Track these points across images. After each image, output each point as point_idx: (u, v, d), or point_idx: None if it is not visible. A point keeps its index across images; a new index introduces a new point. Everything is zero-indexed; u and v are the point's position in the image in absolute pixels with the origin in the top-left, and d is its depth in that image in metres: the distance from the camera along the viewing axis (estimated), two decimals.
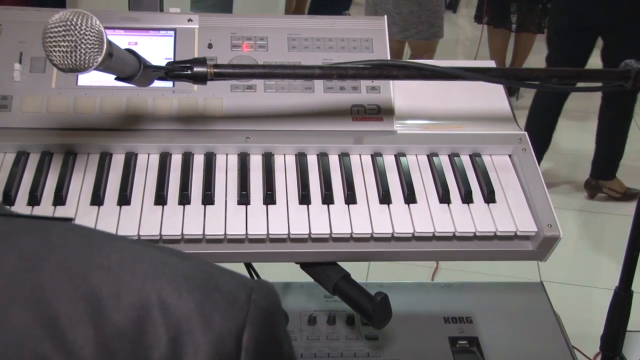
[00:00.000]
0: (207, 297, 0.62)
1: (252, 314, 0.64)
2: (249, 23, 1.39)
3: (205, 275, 0.65)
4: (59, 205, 1.20)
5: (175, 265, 0.64)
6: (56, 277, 0.59)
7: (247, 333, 0.63)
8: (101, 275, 0.60)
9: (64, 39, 0.93)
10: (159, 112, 1.31)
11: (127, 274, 0.61)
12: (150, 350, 0.59)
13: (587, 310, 1.48)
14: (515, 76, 1.26)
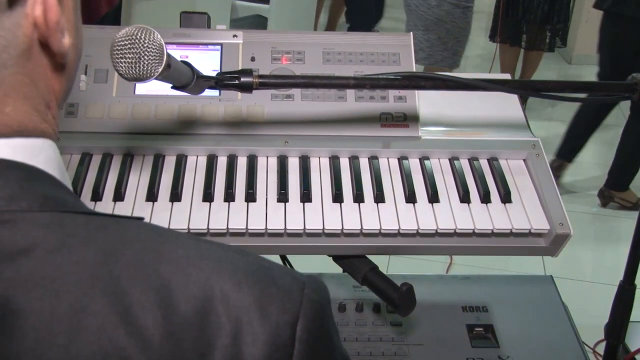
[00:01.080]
0: (265, 291, 0.63)
1: (305, 306, 0.64)
2: (288, 38, 1.40)
3: (262, 270, 0.65)
4: (118, 201, 1.21)
5: (236, 262, 0.65)
6: (130, 269, 0.59)
7: (301, 324, 0.63)
8: (170, 269, 0.61)
9: (129, 51, 0.95)
10: (206, 119, 1.32)
11: (193, 269, 0.62)
12: (213, 338, 0.59)
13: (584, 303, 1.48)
14: (532, 87, 1.26)
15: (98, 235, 0.61)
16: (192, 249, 0.64)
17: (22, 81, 0.62)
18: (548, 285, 1.59)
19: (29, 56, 0.62)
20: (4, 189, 0.59)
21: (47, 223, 0.59)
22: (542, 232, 1.26)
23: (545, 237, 1.27)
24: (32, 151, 0.63)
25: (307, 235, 1.23)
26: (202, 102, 1.32)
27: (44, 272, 0.57)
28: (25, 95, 0.63)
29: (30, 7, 0.60)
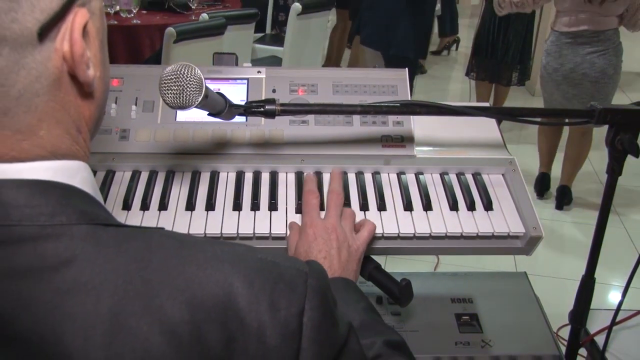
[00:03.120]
0: (274, 287, 0.62)
1: (309, 297, 0.64)
2: (303, 74, 1.40)
3: (271, 267, 0.64)
4: (162, 210, 1.21)
5: (249, 262, 0.64)
6: (158, 273, 0.59)
7: (307, 313, 0.63)
8: (192, 271, 0.60)
9: (174, 84, 0.95)
10: (235, 141, 1.32)
11: (212, 270, 0.61)
12: (233, 331, 0.59)
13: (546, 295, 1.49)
14: (509, 113, 1.26)
15: (128, 245, 0.60)
16: (209, 253, 0.63)
17: (54, 107, 0.61)
18: (522, 280, 1.59)
19: (59, 85, 0.61)
20: (46, 206, 0.58)
21: (84, 235, 0.58)
22: (518, 234, 1.25)
23: (521, 239, 1.26)
24: (69, 172, 0.62)
25: None
26: (232, 127, 1.32)
27: (84, 280, 0.56)
28: (58, 120, 0.62)
29: (59, 43, 0.59)
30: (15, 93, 0.57)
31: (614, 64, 3.62)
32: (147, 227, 0.65)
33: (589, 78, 3.60)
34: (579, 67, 3.60)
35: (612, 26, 3.57)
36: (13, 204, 0.56)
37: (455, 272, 1.58)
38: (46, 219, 0.57)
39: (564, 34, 3.61)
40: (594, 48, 3.56)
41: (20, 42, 0.55)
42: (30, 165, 0.59)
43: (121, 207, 1.20)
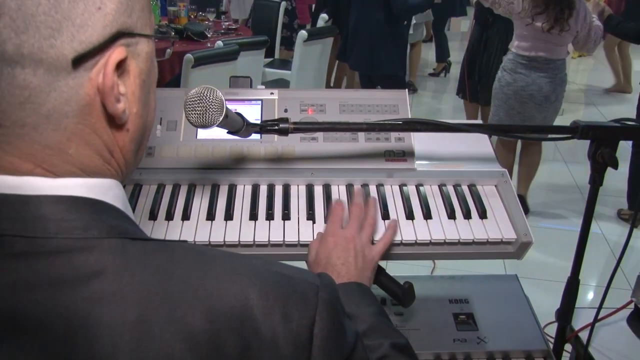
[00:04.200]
0: (287, 299, 0.62)
1: (320, 309, 0.63)
2: (312, 94, 1.40)
3: (285, 280, 0.64)
4: (185, 220, 1.20)
5: (264, 275, 0.63)
6: (180, 285, 0.58)
7: (317, 325, 0.62)
8: (212, 283, 0.59)
9: (198, 105, 0.95)
10: (251, 156, 1.31)
11: (230, 283, 0.60)
12: (249, 340, 0.58)
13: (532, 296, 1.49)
14: (500, 129, 1.26)
15: (153, 258, 0.60)
16: (228, 267, 0.62)
17: (84, 130, 0.60)
18: (514, 282, 1.57)
19: (91, 112, 0.59)
20: (79, 221, 0.57)
21: (113, 248, 0.58)
22: (510, 240, 1.24)
23: (513, 244, 1.25)
24: (101, 189, 0.62)
25: None
26: (248, 144, 1.31)
27: (113, 290, 0.56)
28: (88, 142, 0.61)
29: (95, 74, 0.58)
30: (45, 111, 0.56)
31: (557, 92, 3.69)
32: (171, 240, 0.65)
33: (534, 100, 3.66)
34: (529, 87, 3.65)
35: (562, 56, 3.65)
36: (50, 217, 0.56)
37: (453, 276, 1.57)
38: (80, 233, 0.57)
39: (521, 56, 3.65)
40: (544, 74, 3.62)
41: (54, 66, 0.55)
42: (64, 181, 0.59)
43: (148, 217, 1.19)
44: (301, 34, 4.61)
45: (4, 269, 0.54)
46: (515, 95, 3.69)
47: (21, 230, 0.55)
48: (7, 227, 0.55)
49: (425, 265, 3.01)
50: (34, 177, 0.57)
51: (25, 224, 0.55)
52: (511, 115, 3.76)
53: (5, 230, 0.55)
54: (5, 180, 0.56)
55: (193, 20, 4.96)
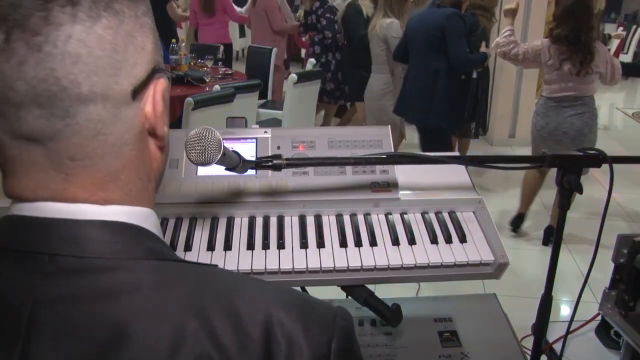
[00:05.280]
0: (308, 318, 0.62)
1: (337, 330, 0.63)
2: (303, 132, 1.39)
3: (305, 303, 0.64)
4: (187, 251, 1.19)
5: (287, 297, 0.64)
6: (212, 302, 0.59)
7: (335, 343, 0.62)
8: (241, 302, 0.60)
9: (198, 144, 0.94)
10: (247, 191, 1.30)
11: (257, 302, 0.61)
12: (273, 353, 0.59)
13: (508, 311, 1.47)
14: (476, 160, 1.25)
15: (188, 278, 0.61)
16: (255, 288, 0.64)
17: (135, 157, 0.63)
18: (493, 300, 1.56)
19: (141, 138, 0.63)
20: (122, 244, 0.59)
21: (152, 268, 0.60)
22: (489, 262, 1.23)
23: (491, 265, 1.24)
24: (142, 217, 0.63)
25: (323, 272, 1.20)
26: (244, 179, 1.30)
27: (151, 304, 0.57)
28: (136, 168, 0.64)
29: (144, 104, 0.62)
30: (112, 141, 0.60)
31: (590, 125, 3.68)
32: (204, 263, 0.67)
33: (568, 135, 3.65)
34: (561, 126, 3.65)
35: (590, 93, 3.66)
36: (98, 240, 0.58)
37: (436, 296, 1.55)
38: (123, 254, 0.59)
39: (551, 98, 3.67)
40: (574, 111, 3.63)
41: (119, 100, 0.59)
42: (111, 208, 0.61)
43: None
44: (291, 77, 4.64)
45: (56, 284, 0.57)
46: (551, 136, 3.70)
47: (72, 250, 0.57)
48: (61, 247, 0.57)
49: (411, 286, 2.99)
50: (87, 204, 0.60)
51: (76, 245, 0.58)
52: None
53: (59, 250, 0.57)
54: (63, 207, 0.59)
55: (193, 67, 4.98)
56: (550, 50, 3.54)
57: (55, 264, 0.57)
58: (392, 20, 4.08)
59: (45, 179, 0.59)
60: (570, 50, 3.48)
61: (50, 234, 0.58)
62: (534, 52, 3.61)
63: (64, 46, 0.53)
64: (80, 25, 0.54)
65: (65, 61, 0.54)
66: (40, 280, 0.56)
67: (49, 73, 0.54)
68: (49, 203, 0.59)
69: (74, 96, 0.55)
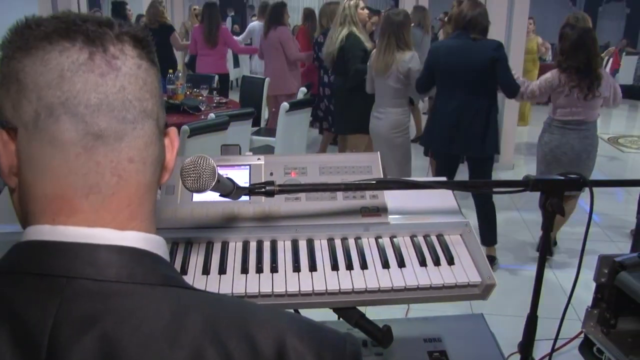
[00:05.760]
0: (320, 344, 0.62)
1: (348, 356, 0.64)
2: (295, 159, 1.39)
3: (317, 329, 0.65)
4: (183, 275, 1.17)
5: (299, 323, 0.64)
6: (227, 328, 0.59)
7: None
8: (255, 327, 0.60)
9: (193, 172, 0.93)
10: (241, 216, 1.29)
11: (271, 327, 0.61)
12: None
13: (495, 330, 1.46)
14: (463, 185, 1.25)
15: (203, 305, 0.61)
16: (268, 314, 0.64)
17: (154, 183, 0.66)
18: (480, 320, 1.55)
19: (159, 169, 0.67)
20: (140, 269, 0.60)
21: (168, 295, 0.60)
22: (476, 283, 1.22)
23: (478, 287, 1.23)
24: (156, 244, 0.64)
25: (315, 295, 1.18)
26: (238, 205, 1.29)
27: (168, 331, 0.57)
28: (152, 194, 0.66)
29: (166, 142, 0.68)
30: (151, 159, 0.64)
31: (589, 151, 3.75)
32: (215, 293, 0.67)
33: (567, 156, 3.71)
34: (563, 146, 3.71)
35: (594, 119, 3.75)
36: (117, 264, 0.59)
37: (426, 317, 1.53)
38: (140, 279, 0.59)
39: (558, 120, 3.74)
40: (576, 134, 3.70)
41: (160, 128, 0.66)
42: (130, 234, 0.62)
43: None
44: (283, 105, 4.65)
45: (78, 307, 0.57)
46: (552, 152, 3.76)
47: (90, 274, 0.58)
48: (80, 270, 0.58)
49: (401, 307, 2.97)
50: (107, 229, 0.61)
51: (95, 268, 0.58)
52: (550, 170, 3.80)
53: (78, 274, 0.58)
54: (83, 231, 0.60)
55: (189, 96, 4.99)
56: (560, 78, 3.65)
57: (74, 286, 0.57)
58: (411, 53, 3.86)
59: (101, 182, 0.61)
60: (579, 78, 3.60)
61: (69, 258, 0.58)
62: (546, 84, 3.70)
63: (133, 71, 0.62)
64: (146, 61, 0.64)
65: (137, 82, 0.62)
66: (61, 303, 0.56)
67: (122, 87, 0.61)
68: (70, 227, 0.60)
69: (140, 109, 0.62)
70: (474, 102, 3.61)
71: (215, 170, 0.95)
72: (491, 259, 3.87)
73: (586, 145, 3.73)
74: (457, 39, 3.62)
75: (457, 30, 3.63)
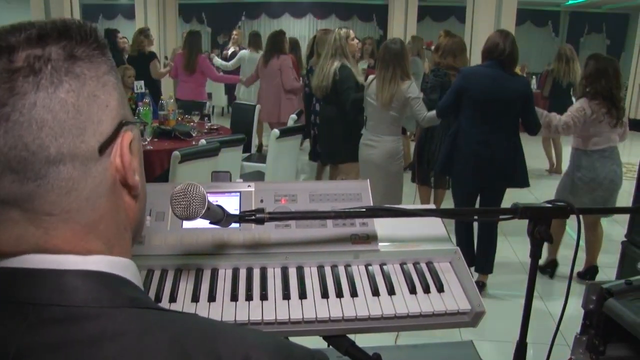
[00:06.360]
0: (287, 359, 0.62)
1: None
2: (285, 186, 1.38)
3: (283, 345, 0.64)
4: (172, 302, 1.15)
5: (265, 340, 0.64)
6: (195, 347, 0.59)
7: None
8: (222, 346, 0.60)
9: (183, 199, 0.92)
10: (231, 243, 1.28)
11: (237, 345, 0.61)
12: None
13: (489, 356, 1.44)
14: (451, 213, 1.25)
15: (170, 325, 0.60)
16: (235, 333, 0.63)
17: (111, 207, 0.63)
18: (469, 347, 1.53)
19: (114, 190, 0.63)
20: (106, 293, 0.59)
21: (135, 316, 0.59)
22: (466, 311, 1.21)
23: (468, 314, 1.22)
24: (122, 267, 0.63)
25: (305, 322, 1.17)
26: (228, 232, 1.28)
27: (135, 351, 0.56)
28: (112, 218, 0.64)
29: (113, 157, 0.62)
30: (85, 195, 0.60)
31: (620, 176, 3.87)
32: (184, 312, 0.66)
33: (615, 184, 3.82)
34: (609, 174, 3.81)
35: (617, 143, 3.88)
36: (83, 289, 0.58)
37: (415, 344, 1.52)
38: (106, 302, 0.58)
39: (595, 152, 3.81)
40: (612, 160, 3.82)
41: (87, 157, 0.59)
42: (95, 258, 0.61)
43: None
44: (274, 132, 4.66)
45: (41, 333, 0.56)
46: (601, 186, 3.80)
47: (57, 299, 0.57)
48: (45, 297, 0.57)
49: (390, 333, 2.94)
50: (70, 255, 0.59)
51: (60, 294, 0.57)
52: (596, 203, 3.83)
53: (44, 300, 0.57)
54: (47, 257, 0.59)
55: (180, 122, 4.99)
56: (591, 106, 3.74)
57: (40, 313, 0.56)
58: (409, 82, 3.85)
59: (26, 234, 0.58)
60: (608, 105, 3.72)
61: (34, 284, 0.57)
62: (579, 114, 3.76)
63: (29, 113, 0.55)
64: (43, 92, 0.55)
65: (32, 127, 0.55)
66: (25, 329, 0.55)
67: (18, 140, 0.55)
68: (33, 255, 0.59)
69: (43, 159, 0.56)
70: (502, 133, 3.60)
71: (205, 198, 0.94)
72: (481, 284, 3.86)
73: (621, 171, 3.85)
74: (489, 68, 3.59)
75: (490, 60, 3.60)
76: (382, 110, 3.93)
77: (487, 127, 3.59)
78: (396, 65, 3.84)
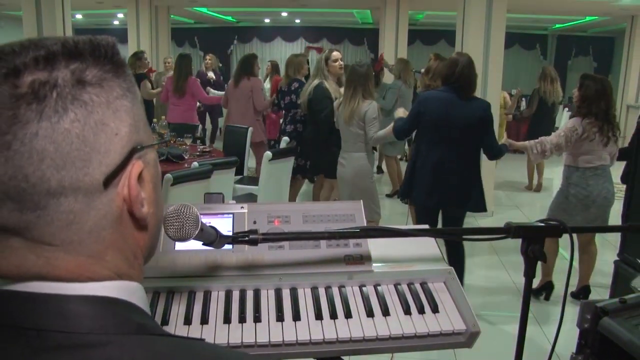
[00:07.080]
0: None
1: None
2: (278, 207, 1.37)
3: None
4: (164, 325, 1.13)
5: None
6: None
7: None
8: None
9: (176, 220, 0.92)
10: (224, 265, 1.26)
11: None
12: None
13: None
14: (444, 232, 1.25)
15: (177, 352, 0.59)
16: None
17: (117, 238, 0.60)
18: None
19: (121, 220, 0.60)
20: (112, 319, 0.57)
21: (142, 343, 0.58)
22: (461, 331, 1.20)
23: (463, 335, 1.21)
24: (130, 291, 0.61)
25: (299, 345, 1.15)
26: (221, 254, 1.27)
27: None
28: (119, 248, 0.61)
29: (121, 188, 0.59)
30: (88, 228, 0.57)
31: (613, 193, 3.92)
32: (192, 337, 0.64)
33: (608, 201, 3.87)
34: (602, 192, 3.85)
35: (608, 162, 3.92)
36: (88, 315, 0.56)
37: None
38: (112, 329, 0.57)
39: (588, 169, 3.86)
40: (604, 178, 3.86)
41: (90, 190, 0.56)
42: (101, 284, 0.59)
43: None
44: (266, 154, 4.67)
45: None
46: (595, 203, 3.84)
47: (61, 326, 0.55)
48: (50, 323, 0.55)
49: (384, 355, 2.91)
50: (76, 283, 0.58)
51: (65, 320, 0.55)
52: (589, 221, 3.85)
53: (48, 326, 0.55)
54: (50, 284, 0.57)
55: (173, 145, 4.99)
56: (583, 125, 3.81)
57: (43, 339, 0.54)
58: (370, 101, 4.04)
59: (27, 262, 0.56)
60: (599, 124, 3.79)
61: (38, 309, 0.56)
62: (571, 133, 3.82)
63: (30, 144, 0.53)
64: (46, 121, 0.53)
65: (33, 158, 0.53)
66: (28, 356, 0.54)
67: (18, 170, 0.53)
68: (35, 282, 0.57)
69: (43, 191, 0.54)
70: (457, 156, 3.62)
71: (199, 219, 0.93)
72: None
73: (613, 189, 3.89)
74: (445, 92, 3.63)
75: (446, 85, 3.65)
76: (345, 127, 4.15)
77: (443, 151, 3.63)
78: (358, 85, 4.06)
